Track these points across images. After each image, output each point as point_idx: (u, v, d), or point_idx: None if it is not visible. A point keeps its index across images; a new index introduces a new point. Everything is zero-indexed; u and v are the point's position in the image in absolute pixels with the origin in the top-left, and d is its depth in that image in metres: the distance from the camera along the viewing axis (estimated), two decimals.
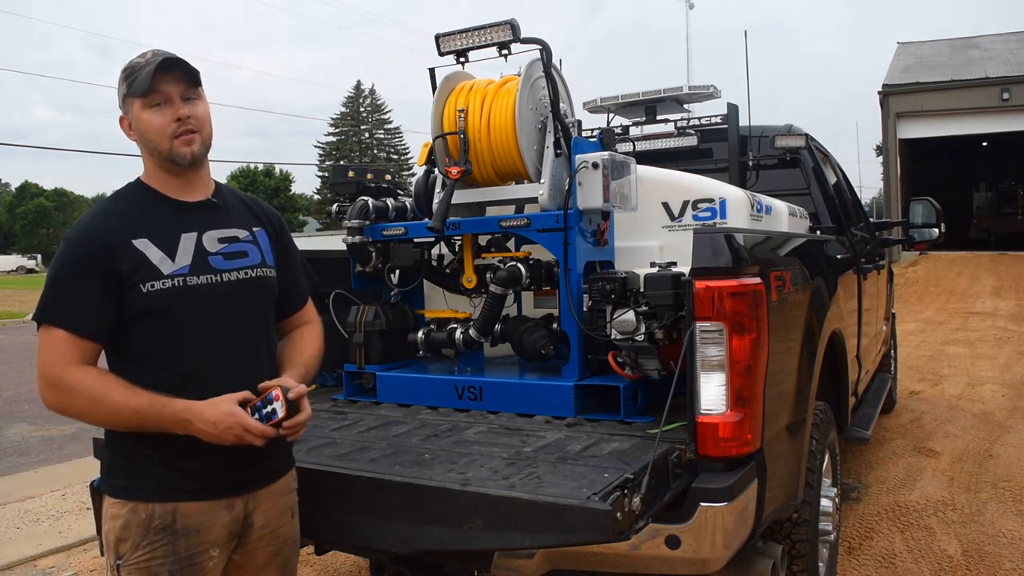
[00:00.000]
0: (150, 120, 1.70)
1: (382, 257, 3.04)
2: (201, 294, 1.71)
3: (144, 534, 1.64)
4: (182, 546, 1.65)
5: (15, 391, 9.52)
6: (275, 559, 1.84)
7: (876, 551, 3.63)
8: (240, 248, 1.82)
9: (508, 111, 2.74)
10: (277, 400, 1.63)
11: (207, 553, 1.69)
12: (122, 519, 1.66)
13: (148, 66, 1.68)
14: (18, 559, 3.97)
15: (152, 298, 1.66)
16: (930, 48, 24.36)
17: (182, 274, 1.70)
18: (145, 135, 1.72)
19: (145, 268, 1.67)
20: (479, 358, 3.01)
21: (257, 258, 1.84)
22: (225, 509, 1.71)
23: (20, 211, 75.88)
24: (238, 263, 1.79)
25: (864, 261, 4.28)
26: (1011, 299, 13.69)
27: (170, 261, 1.69)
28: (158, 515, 1.64)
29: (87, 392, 1.62)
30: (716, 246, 2.06)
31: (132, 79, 1.69)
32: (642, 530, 1.80)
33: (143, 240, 1.68)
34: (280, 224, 1.99)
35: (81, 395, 1.62)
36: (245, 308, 1.79)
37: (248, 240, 1.84)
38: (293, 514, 1.90)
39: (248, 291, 1.80)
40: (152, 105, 1.69)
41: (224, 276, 1.76)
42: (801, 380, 2.50)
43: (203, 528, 1.68)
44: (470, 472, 1.97)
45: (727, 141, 4.12)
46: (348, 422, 2.63)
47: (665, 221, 3.04)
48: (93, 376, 1.63)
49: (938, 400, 6.76)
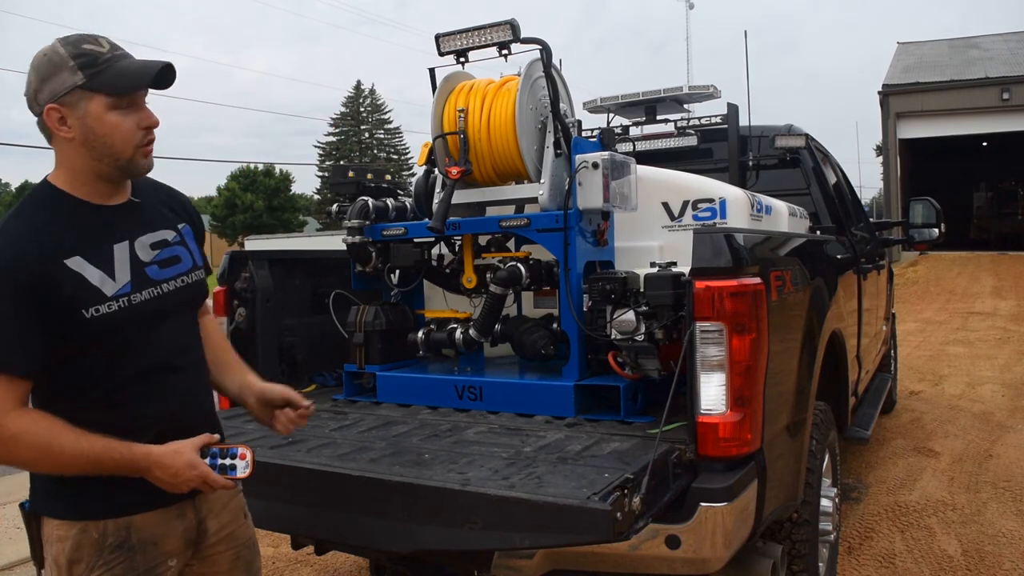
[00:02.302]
0: (117, 124, 1.50)
1: (382, 257, 3.05)
2: (146, 312, 1.57)
3: (99, 554, 1.53)
4: (140, 561, 1.56)
5: None
6: (237, 563, 1.76)
7: (876, 551, 3.63)
8: (172, 253, 1.66)
9: (508, 111, 2.74)
10: (243, 459, 1.55)
11: (165, 564, 1.61)
12: (71, 540, 1.53)
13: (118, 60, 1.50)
14: (18, 559, 3.97)
15: (98, 324, 1.49)
16: (930, 48, 24.37)
17: (125, 293, 1.53)
18: (104, 138, 1.50)
19: (85, 291, 1.48)
20: (479, 358, 3.01)
21: (189, 262, 1.69)
22: (177, 518, 1.62)
23: None
24: (173, 270, 1.64)
25: (864, 261, 4.28)
26: (1011, 299, 13.68)
27: (111, 280, 1.52)
28: (111, 532, 1.54)
29: (33, 441, 1.43)
30: (716, 246, 2.06)
31: (96, 71, 1.47)
32: (642, 530, 1.80)
33: (76, 259, 1.49)
34: (196, 213, 1.82)
35: (26, 446, 1.43)
36: (185, 319, 1.68)
37: (177, 242, 1.68)
38: (245, 515, 1.82)
39: (187, 301, 1.67)
40: (120, 107, 1.50)
41: (163, 287, 1.61)
42: (801, 380, 2.50)
43: (158, 539, 1.59)
44: (470, 472, 1.97)
45: (727, 141, 4.13)
46: (348, 422, 2.63)
47: (665, 221, 3.04)
48: (37, 422, 1.44)
49: (938, 400, 6.76)
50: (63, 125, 1.50)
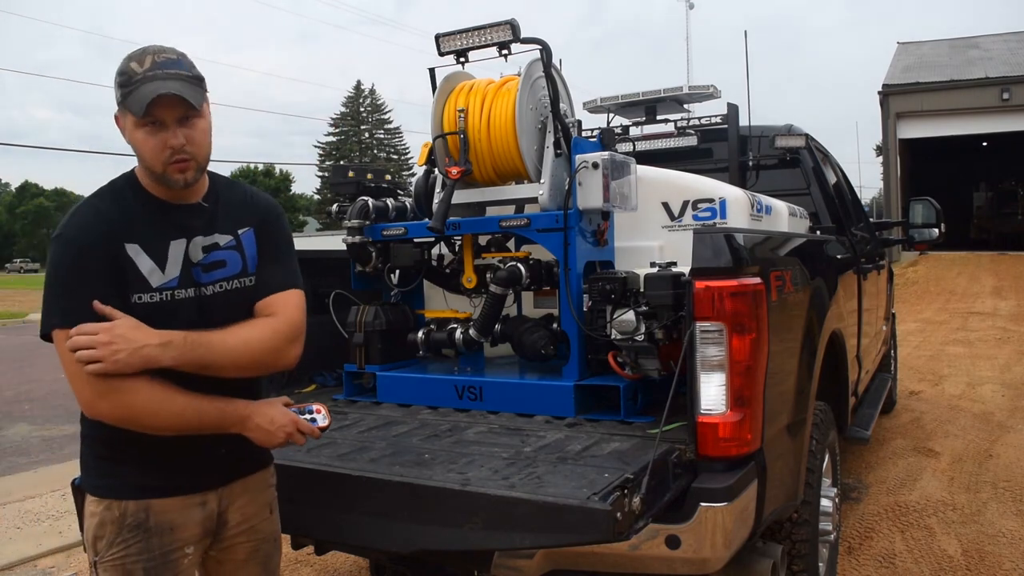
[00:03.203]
0: (144, 141, 1.59)
1: (382, 257, 3.05)
2: (188, 309, 1.65)
3: (118, 531, 1.63)
4: (156, 543, 1.63)
5: (15, 391, 9.52)
6: (255, 555, 1.82)
7: (876, 551, 3.63)
8: (219, 257, 1.71)
9: (508, 111, 2.74)
10: (319, 412, 1.73)
11: (182, 551, 1.67)
12: (98, 516, 1.64)
13: (144, 83, 1.55)
14: (18, 559, 3.97)
15: (139, 311, 1.58)
16: (930, 48, 24.37)
17: (170, 287, 1.63)
18: (138, 151, 1.62)
19: (136, 278, 1.60)
20: (479, 358, 3.01)
21: (237, 267, 1.73)
22: (199, 506, 1.69)
23: (20, 211, 75.93)
24: (218, 274, 1.70)
25: (864, 261, 4.28)
26: (1011, 299, 13.69)
27: (160, 272, 1.62)
28: (131, 512, 1.63)
29: (151, 394, 1.53)
30: (716, 246, 2.06)
31: (127, 91, 1.56)
32: (642, 530, 1.80)
33: (134, 246, 1.61)
34: (273, 217, 1.83)
35: (145, 398, 1.53)
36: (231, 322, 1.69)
37: (230, 246, 1.73)
38: (272, 510, 1.87)
39: (234, 303, 1.71)
40: (145, 125, 1.58)
41: (204, 290, 1.68)
42: (801, 380, 2.50)
43: (176, 526, 1.66)
44: (470, 472, 1.97)
45: (727, 141, 4.13)
46: (348, 422, 2.63)
47: (665, 221, 3.04)
48: (149, 377, 1.53)
49: (938, 400, 6.76)
50: (124, 131, 1.63)
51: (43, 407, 8.25)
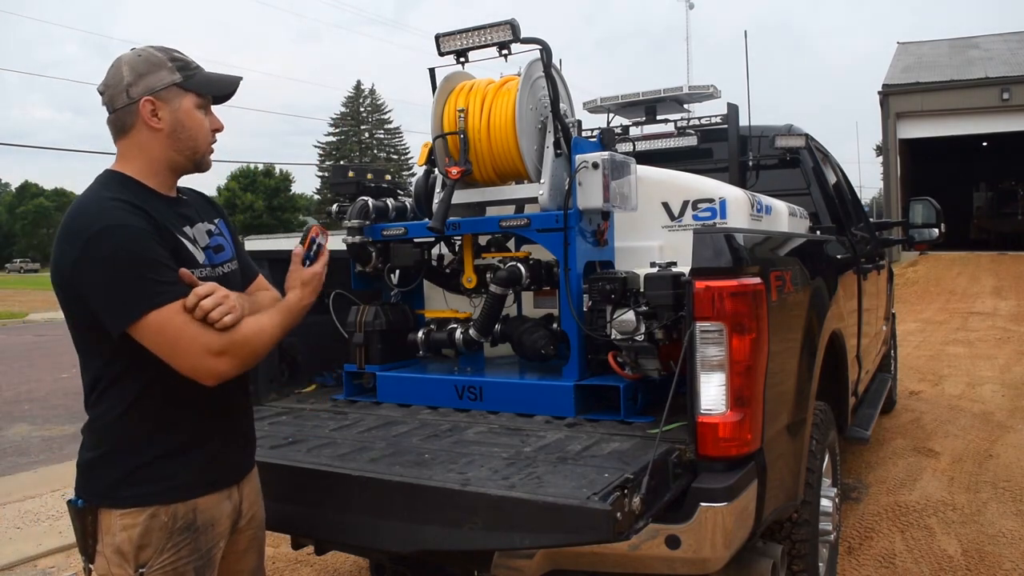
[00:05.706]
0: (201, 121, 1.70)
1: (382, 257, 3.04)
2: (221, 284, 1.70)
3: (168, 536, 1.61)
4: (203, 541, 1.66)
5: (15, 391, 9.52)
6: (253, 543, 1.86)
7: (876, 551, 3.63)
8: (218, 242, 1.80)
9: (508, 111, 2.74)
10: (317, 235, 1.85)
11: (218, 546, 1.71)
12: (140, 527, 1.60)
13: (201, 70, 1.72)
14: (18, 559, 3.97)
15: None
16: (930, 48, 24.38)
17: (208, 265, 1.72)
18: (191, 131, 1.68)
19: (187, 257, 1.65)
20: (479, 358, 3.01)
21: (230, 251, 1.83)
22: (227, 500, 1.73)
23: (20, 211, 75.94)
24: (220, 257, 1.79)
25: (864, 261, 4.28)
26: (1011, 299, 13.70)
27: (200, 251, 1.71)
28: (181, 515, 1.63)
29: (251, 327, 1.62)
30: (716, 246, 2.06)
31: (189, 74, 1.68)
32: (642, 530, 1.80)
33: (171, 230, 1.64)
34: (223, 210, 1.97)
35: (253, 338, 1.61)
36: None
37: (219, 233, 1.82)
38: (260, 495, 1.92)
39: (230, 285, 1.75)
40: (202, 108, 1.71)
41: (218, 270, 1.76)
42: (801, 380, 2.50)
43: (215, 521, 1.69)
44: (470, 472, 1.97)
45: (727, 141, 4.13)
46: (348, 422, 2.63)
47: (665, 221, 3.04)
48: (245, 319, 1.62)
49: (938, 400, 6.76)
50: (154, 116, 1.65)
51: (43, 407, 8.24)
